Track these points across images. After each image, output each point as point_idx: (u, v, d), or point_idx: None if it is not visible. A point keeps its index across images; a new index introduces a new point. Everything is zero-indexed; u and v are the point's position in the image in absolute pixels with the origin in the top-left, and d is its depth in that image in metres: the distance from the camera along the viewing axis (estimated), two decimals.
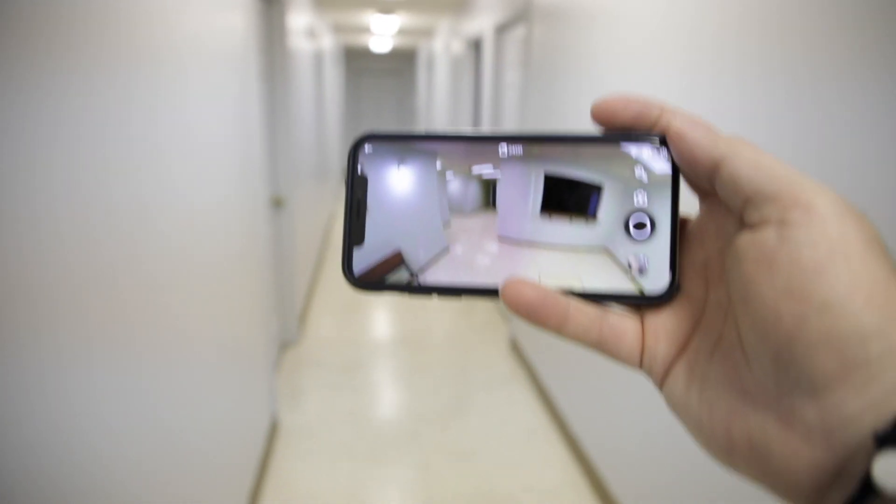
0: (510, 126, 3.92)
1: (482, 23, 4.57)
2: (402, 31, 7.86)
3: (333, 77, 7.54)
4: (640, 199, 0.29)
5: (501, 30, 4.11)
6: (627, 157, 0.29)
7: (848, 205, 0.23)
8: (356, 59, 10.53)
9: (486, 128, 4.37)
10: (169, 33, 1.46)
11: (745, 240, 0.24)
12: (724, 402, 0.25)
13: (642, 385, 1.90)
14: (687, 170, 0.27)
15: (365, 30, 7.81)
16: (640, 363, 0.29)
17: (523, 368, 3.30)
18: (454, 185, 0.30)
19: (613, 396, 2.17)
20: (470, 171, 0.30)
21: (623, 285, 0.29)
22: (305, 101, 4.30)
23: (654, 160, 0.29)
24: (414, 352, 3.63)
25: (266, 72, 2.99)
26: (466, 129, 0.31)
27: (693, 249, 0.29)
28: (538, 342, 3.09)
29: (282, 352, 3.39)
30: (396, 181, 0.30)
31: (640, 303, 0.29)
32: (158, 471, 1.32)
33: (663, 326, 0.28)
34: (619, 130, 0.29)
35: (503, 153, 0.30)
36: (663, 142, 0.28)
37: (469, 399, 3.07)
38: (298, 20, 3.87)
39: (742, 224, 0.25)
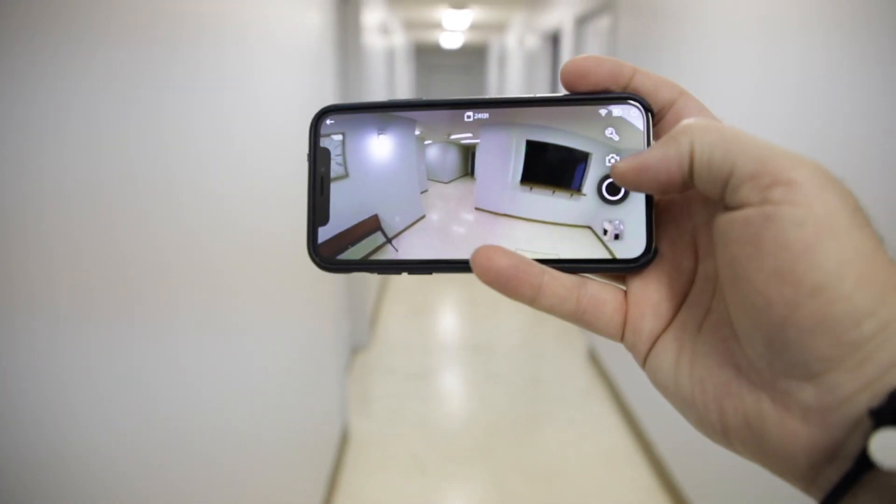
0: None
1: (561, 14, 4.38)
2: (473, 26, 7.74)
3: (404, 74, 7.50)
4: (614, 162, 0.28)
5: (582, 21, 3.91)
6: (599, 118, 0.28)
7: (827, 174, 0.22)
8: (426, 56, 10.48)
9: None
10: (246, 30, 1.38)
11: (727, 220, 0.23)
12: (716, 378, 0.24)
13: None
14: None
15: (436, 25, 7.73)
16: (622, 336, 0.27)
17: (602, 382, 3.11)
18: (430, 153, 0.29)
19: None
20: (447, 138, 0.29)
21: (599, 252, 0.28)
22: (378, 98, 4.23)
23: (627, 121, 0.28)
24: (485, 359, 3.51)
25: (341, 69, 2.93)
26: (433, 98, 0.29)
27: (680, 219, 0.27)
28: (619, 354, 2.90)
29: (352, 356, 3.34)
30: (368, 152, 0.29)
31: (617, 269, 0.28)
32: (230, 480, 1.25)
33: (649, 299, 0.27)
34: (587, 92, 0.28)
35: (469, 119, 0.29)
36: (644, 104, 0.27)
37: (544, 413, 2.92)
38: (372, 17, 3.81)
39: (723, 201, 0.24)
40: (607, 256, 0.28)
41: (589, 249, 0.28)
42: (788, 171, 0.22)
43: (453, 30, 8.05)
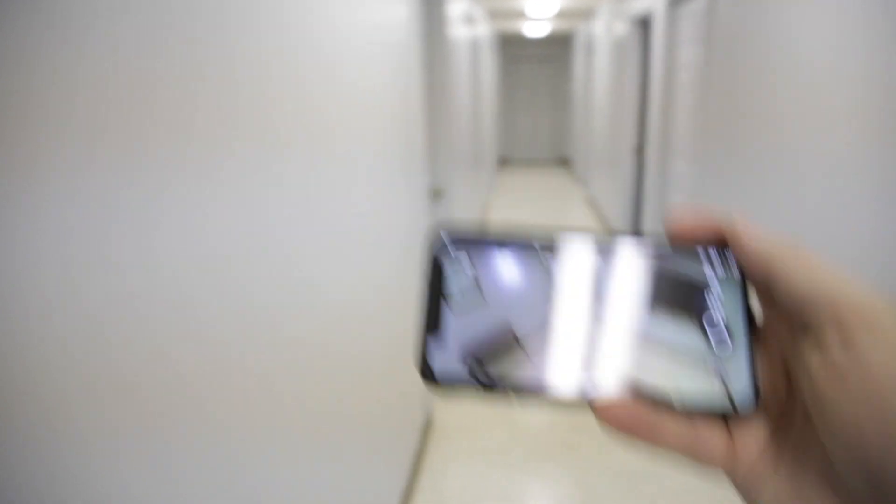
0: (686, 102, 3.57)
1: None
2: (559, 14, 7.58)
3: (488, 65, 7.46)
4: (715, 310, 0.29)
5: (676, 4, 3.74)
6: (699, 266, 0.29)
7: None
8: (510, 46, 10.38)
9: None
10: (336, 23, 1.41)
11: (814, 361, 0.24)
12: (814, 500, 0.25)
13: None
14: (748, 276, 0.28)
15: (520, 15, 7.63)
16: (729, 467, 0.28)
17: None
18: (551, 271, 0.30)
19: None
20: (566, 260, 0.30)
21: (714, 399, 0.28)
22: (463, 90, 4.24)
23: (723, 269, 0.29)
24: None
25: (426, 62, 2.95)
26: (554, 232, 0.30)
27: (769, 344, 0.28)
28: None
29: None
30: (485, 273, 0.30)
31: (727, 416, 0.28)
32: (309, 464, 1.29)
33: (749, 427, 0.28)
34: (690, 242, 0.29)
35: (587, 245, 0.30)
36: (726, 251, 0.29)
37: None
38: (456, 7, 3.80)
39: (805, 330, 0.25)
40: (722, 403, 0.28)
41: (704, 390, 0.28)
42: (868, 314, 0.23)
43: (538, 18, 7.92)
